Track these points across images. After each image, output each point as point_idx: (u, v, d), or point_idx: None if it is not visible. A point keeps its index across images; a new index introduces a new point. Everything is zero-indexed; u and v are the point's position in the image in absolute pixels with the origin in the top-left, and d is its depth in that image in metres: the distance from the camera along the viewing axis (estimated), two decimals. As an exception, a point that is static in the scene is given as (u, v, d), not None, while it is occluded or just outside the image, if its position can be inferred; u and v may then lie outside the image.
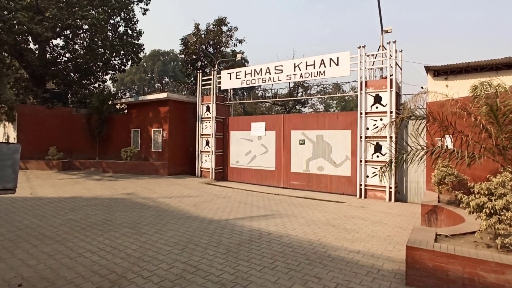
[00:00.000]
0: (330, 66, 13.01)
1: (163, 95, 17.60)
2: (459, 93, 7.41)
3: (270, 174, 14.75)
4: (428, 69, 11.58)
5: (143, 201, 10.27)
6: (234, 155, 16.27)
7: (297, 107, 30.04)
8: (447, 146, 6.60)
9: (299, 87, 28.32)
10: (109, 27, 21.93)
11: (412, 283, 4.33)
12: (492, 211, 4.33)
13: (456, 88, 9.99)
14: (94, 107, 19.53)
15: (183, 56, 26.92)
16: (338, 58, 12.81)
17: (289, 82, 24.69)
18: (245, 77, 15.64)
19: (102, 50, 22.09)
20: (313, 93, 29.41)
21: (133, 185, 13.65)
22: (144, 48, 24.12)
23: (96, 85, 24.52)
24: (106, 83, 26.59)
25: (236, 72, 16.08)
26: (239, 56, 24.62)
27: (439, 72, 11.54)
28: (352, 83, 28.44)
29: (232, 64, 26.85)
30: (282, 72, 14.38)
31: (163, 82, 56.52)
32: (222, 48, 26.78)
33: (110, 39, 22.15)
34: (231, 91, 19.13)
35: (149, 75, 57.65)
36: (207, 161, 16.77)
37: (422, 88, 12.44)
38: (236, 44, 27.32)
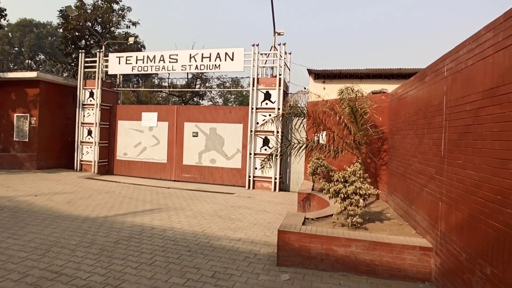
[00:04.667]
0: (225, 60, 13.21)
1: (32, 75, 14.71)
2: (329, 95, 8.56)
3: (161, 167, 14.12)
4: (310, 72, 13.01)
5: (-5, 200, 8.39)
6: (122, 147, 14.93)
7: (195, 99, 29.63)
8: (318, 141, 7.53)
9: (197, 79, 27.95)
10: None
11: (282, 263, 4.78)
12: (345, 195, 5.15)
13: (331, 91, 11.49)
14: None
15: (61, 31, 23.10)
16: (233, 53, 13.10)
17: (188, 73, 24.10)
18: (136, 63, 14.45)
19: None
20: (213, 86, 29.52)
21: (-17, 181, 11.03)
22: (6, 14, 19.62)
23: None
24: None
25: (127, 57, 14.71)
26: (132, 40, 22.59)
27: (318, 75, 13.10)
28: (250, 80, 29.73)
29: (124, 47, 24.48)
30: (177, 62, 13.86)
31: (37, 59, 47.51)
32: (113, 28, 24.13)
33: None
34: (121, 77, 17.44)
35: (16, 48, 47.47)
36: (88, 153, 14.90)
37: (305, 88, 13.90)
38: (129, 26, 25.05)
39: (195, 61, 13.61)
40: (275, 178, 12.14)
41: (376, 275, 4.41)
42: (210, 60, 13.40)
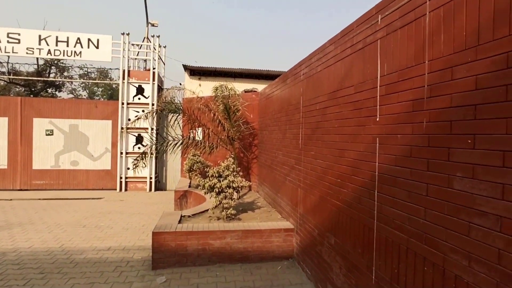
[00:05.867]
0: (88, 47, 11.55)
1: None
2: (203, 92, 8.66)
3: None
4: (185, 67, 12.81)
5: None
6: None
7: (50, 90, 24.82)
8: (194, 138, 7.52)
9: (52, 67, 23.48)
10: None
11: (158, 266, 4.56)
12: (220, 189, 5.32)
13: (207, 88, 11.63)
14: None
15: None
16: (98, 40, 11.58)
17: (37, 58, 19.87)
18: (-47, 38, 10.97)
19: None
20: (74, 76, 25.33)
21: None
22: None
23: None
24: None
25: None
26: None
27: (194, 72, 13.04)
28: (120, 72, 26.88)
29: None
30: (19, 43, 11.25)
31: None
32: None
33: None
34: None
35: None
36: None
37: (180, 84, 13.62)
38: None
39: (47, 44, 11.37)
40: (150, 178, 11.48)
41: (249, 261, 4.74)
42: (68, 46, 11.45)
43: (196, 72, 13.05)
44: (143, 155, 7.26)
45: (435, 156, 2.00)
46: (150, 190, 11.43)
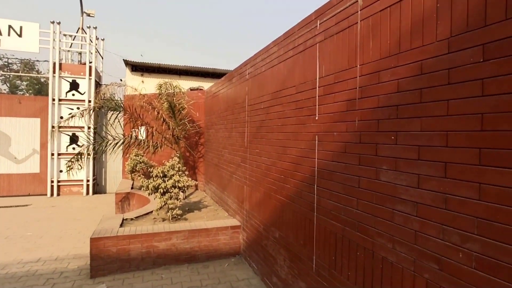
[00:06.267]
0: (9, 35, 10.26)
1: None
2: (146, 89, 8.30)
3: None
4: (127, 63, 12.10)
5: None
6: None
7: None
8: (136, 137, 7.16)
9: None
10: None
11: (97, 273, 4.27)
12: (165, 190, 5.16)
13: (150, 85, 11.15)
14: None
15: None
16: (21, 27, 10.35)
17: None
18: None
19: None
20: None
21: None
22: None
23: None
24: None
25: None
26: None
27: (136, 67, 12.39)
28: (49, 64, 24.24)
29: None
30: None
31: None
32: None
33: None
34: None
35: None
36: None
37: (121, 80, 12.83)
38: None
39: (-45, 30, 9.83)
40: (88, 180, 10.64)
41: (196, 260, 4.70)
42: (-18, 32, 10.03)
43: (139, 68, 12.42)
44: (79, 156, 6.71)
45: (365, 151, 2.21)
46: (88, 193, 10.59)
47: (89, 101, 10.67)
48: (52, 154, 10.31)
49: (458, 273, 1.55)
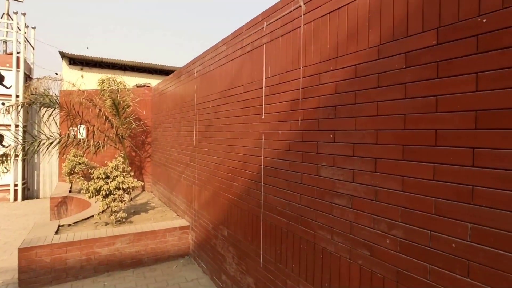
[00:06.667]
0: None
1: None
2: (86, 85, 7.72)
3: None
4: (63, 55, 11.10)
5: None
6: None
7: None
8: (74, 136, 6.63)
9: None
10: None
11: (27, 287, 3.87)
12: (108, 192, 4.86)
13: (91, 80, 10.38)
14: None
15: None
16: None
17: None
18: None
19: None
20: None
21: None
22: None
23: None
24: None
25: None
26: None
27: (75, 61, 11.44)
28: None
29: None
30: None
31: None
32: None
33: None
34: None
35: None
36: None
37: (57, 74, 11.74)
38: None
39: None
40: (16, 185, 9.55)
41: (143, 264, 4.51)
42: None
43: (78, 62, 11.48)
44: (4, 158, 6.01)
45: (308, 149, 2.34)
46: (16, 199, 9.51)
47: (17, 96, 9.59)
48: (-29, 156, 9.05)
49: (386, 257, 1.73)
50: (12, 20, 10.16)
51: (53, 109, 7.02)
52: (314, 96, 2.30)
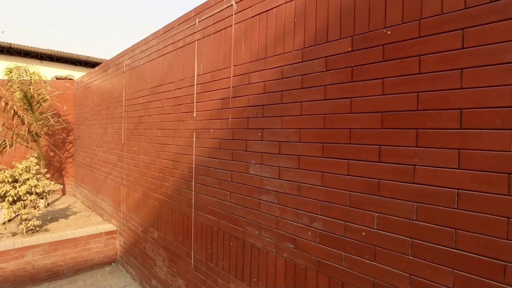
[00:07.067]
0: None
1: None
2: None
3: None
4: (-41, 38, 9.40)
5: None
6: None
7: None
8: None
9: None
10: None
11: None
12: (16, 197, 4.26)
13: (-2, 69, 8.98)
14: None
15: None
16: None
17: None
18: None
19: None
20: None
21: None
22: None
23: None
24: None
25: None
26: None
27: (-24, 46, 9.79)
28: None
29: None
30: None
31: None
32: None
33: None
34: None
35: None
36: None
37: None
38: None
39: None
40: None
41: (61, 276, 4.07)
42: None
43: (-21, 47, 9.84)
44: None
45: (237, 147, 2.36)
46: None
47: None
48: None
49: (308, 248, 1.83)
50: None
51: None
52: (244, 95, 2.33)
